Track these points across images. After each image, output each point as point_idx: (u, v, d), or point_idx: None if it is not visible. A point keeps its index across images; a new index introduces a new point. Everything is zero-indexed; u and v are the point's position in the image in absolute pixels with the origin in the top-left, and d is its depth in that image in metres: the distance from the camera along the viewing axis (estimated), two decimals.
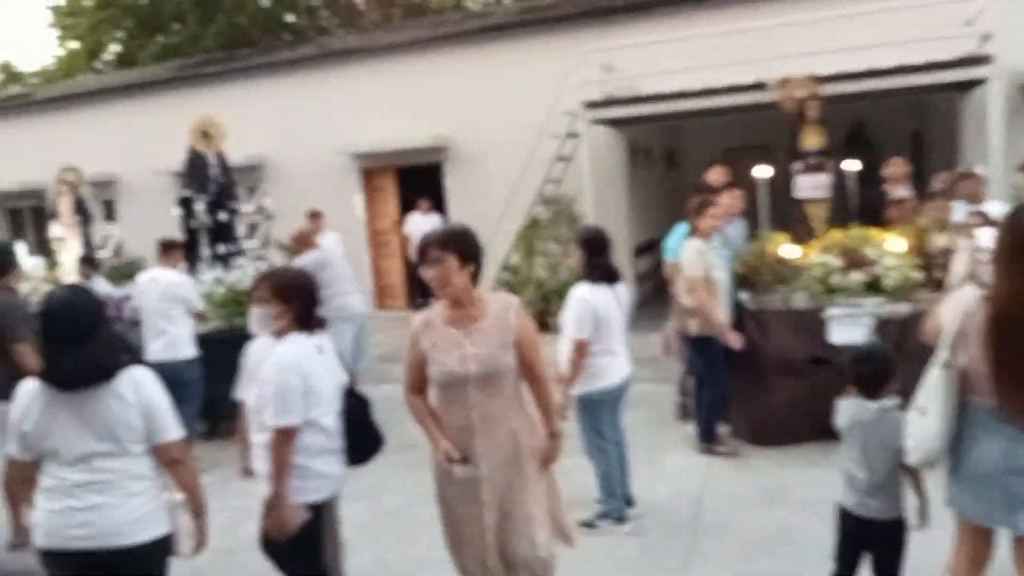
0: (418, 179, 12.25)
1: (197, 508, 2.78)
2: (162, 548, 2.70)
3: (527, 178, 10.51)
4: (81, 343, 2.58)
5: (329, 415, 3.01)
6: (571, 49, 9.85)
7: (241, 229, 10.70)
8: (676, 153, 13.64)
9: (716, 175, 6.43)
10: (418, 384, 2.97)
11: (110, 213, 14.23)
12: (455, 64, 11.77)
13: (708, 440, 5.35)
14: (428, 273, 2.82)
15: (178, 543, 2.78)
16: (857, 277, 5.25)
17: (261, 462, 2.97)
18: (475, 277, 2.85)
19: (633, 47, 9.82)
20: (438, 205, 12.01)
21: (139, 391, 2.63)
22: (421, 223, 11.65)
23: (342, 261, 7.02)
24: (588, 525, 4.26)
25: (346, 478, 3.14)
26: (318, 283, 3.19)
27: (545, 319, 10.39)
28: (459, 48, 11.78)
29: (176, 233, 7.23)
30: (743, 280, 5.64)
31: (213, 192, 7.56)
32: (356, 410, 3.13)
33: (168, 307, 5.87)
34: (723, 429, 5.49)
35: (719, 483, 4.89)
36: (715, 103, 8.91)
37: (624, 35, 10.47)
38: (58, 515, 2.57)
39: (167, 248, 6.23)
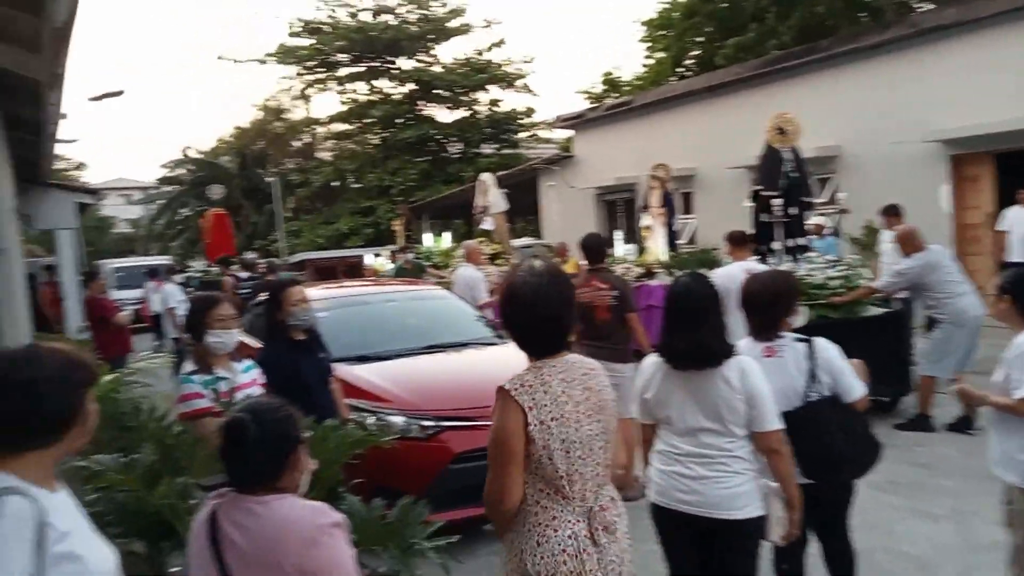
0: None
1: (791, 499, 2.82)
2: (757, 528, 2.83)
3: None
4: (695, 327, 2.82)
5: None
6: None
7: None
8: None
9: None
10: None
11: (688, 205, 15.54)
12: None
13: None
14: None
15: (768, 528, 2.87)
16: None
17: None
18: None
19: None
20: None
21: (744, 378, 2.77)
22: (1021, 217, 9.90)
23: (951, 262, 6.37)
24: None
25: None
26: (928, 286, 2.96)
27: None
28: None
29: (746, 226, 7.42)
30: None
31: (783, 187, 7.63)
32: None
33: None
34: None
35: None
36: None
37: None
38: (668, 477, 2.89)
39: (741, 241, 6.47)
